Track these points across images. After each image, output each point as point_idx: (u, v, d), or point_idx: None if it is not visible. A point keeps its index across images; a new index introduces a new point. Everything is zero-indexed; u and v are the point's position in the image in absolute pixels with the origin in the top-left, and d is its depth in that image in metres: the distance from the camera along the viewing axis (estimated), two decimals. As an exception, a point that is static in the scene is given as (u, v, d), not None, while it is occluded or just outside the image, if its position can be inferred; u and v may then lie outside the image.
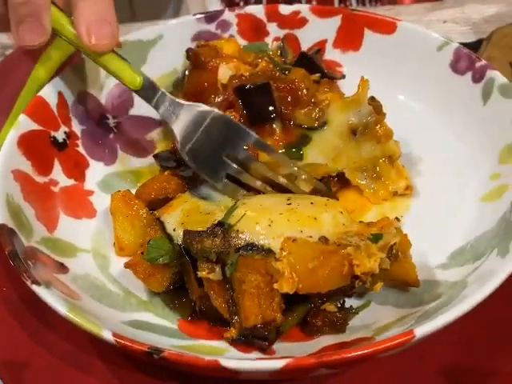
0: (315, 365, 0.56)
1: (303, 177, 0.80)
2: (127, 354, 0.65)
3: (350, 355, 0.55)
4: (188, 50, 0.95)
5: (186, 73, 0.98)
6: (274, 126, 0.81)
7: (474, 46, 1.08)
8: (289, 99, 0.83)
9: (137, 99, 0.97)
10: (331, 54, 1.03)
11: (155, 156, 0.92)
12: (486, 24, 1.27)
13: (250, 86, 0.81)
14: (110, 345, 0.66)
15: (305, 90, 0.84)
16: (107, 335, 0.59)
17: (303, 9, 1.03)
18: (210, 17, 1.03)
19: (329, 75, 0.95)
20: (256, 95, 0.81)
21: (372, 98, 0.84)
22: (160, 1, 2.02)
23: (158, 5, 1.96)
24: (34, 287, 0.63)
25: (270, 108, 0.81)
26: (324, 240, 0.67)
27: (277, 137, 0.82)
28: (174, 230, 0.71)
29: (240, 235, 0.67)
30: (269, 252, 0.66)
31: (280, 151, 0.81)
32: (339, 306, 0.69)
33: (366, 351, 0.56)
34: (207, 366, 0.56)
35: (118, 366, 0.69)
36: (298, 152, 0.81)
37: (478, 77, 0.87)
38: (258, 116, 0.81)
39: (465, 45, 0.92)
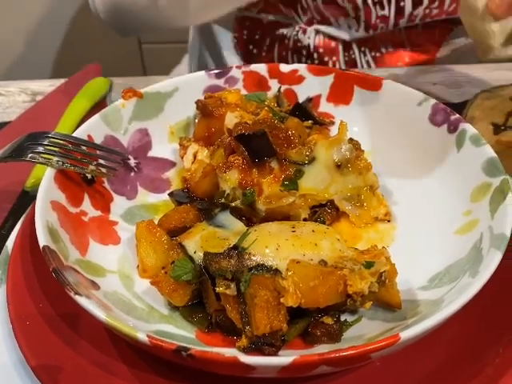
0: (318, 361, 0.66)
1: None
2: (155, 354, 0.75)
3: (347, 353, 0.66)
4: (197, 102, 1.09)
5: (196, 120, 1.12)
6: (272, 164, 0.94)
7: (461, 107, 1.22)
8: (284, 144, 0.96)
9: (155, 143, 1.11)
10: (325, 107, 1.17)
11: (170, 194, 1.04)
12: (471, 87, 1.42)
13: (249, 133, 0.94)
14: (134, 352, 0.78)
15: (297, 137, 0.97)
16: (142, 336, 0.69)
17: (301, 68, 1.17)
18: (220, 73, 1.16)
19: (319, 122, 1.10)
20: (255, 140, 0.93)
21: (351, 139, 0.98)
22: (170, 59, 2.18)
23: (169, 62, 2.12)
24: (77, 297, 0.74)
25: (268, 150, 0.93)
26: (323, 263, 0.79)
27: (275, 173, 0.94)
28: (195, 252, 0.83)
29: (252, 257, 0.79)
30: (276, 272, 0.77)
31: (279, 184, 0.93)
32: (335, 319, 0.80)
33: (360, 350, 0.67)
34: (227, 361, 0.67)
35: (140, 371, 0.79)
36: (293, 184, 0.94)
37: (452, 128, 1.00)
38: (258, 157, 0.93)
39: (452, 105, 1.04)
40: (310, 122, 1.06)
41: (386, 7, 1.53)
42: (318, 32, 1.66)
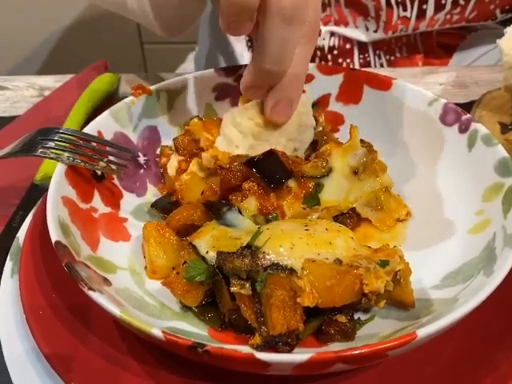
0: (334, 358, 0.66)
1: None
2: (168, 350, 0.74)
3: (363, 350, 0.66)
4: (174, 140, 1.03)
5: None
6: (290, 183, 0.91)
7: (467, 107, 1.22)
8: (291, 161, 0.92)
9: (164, 140, 1.11)
10: (334, 107, 1.16)
11: (153, 205, 0.99)
12: (477, 88, 1.43)
13: (258, 157, 0.90)
14: (142, 346, 0.78)
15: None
16: (157, 332, 0.68)
17: (310, 67, 1.16)
18: (229, 71, 1.16)
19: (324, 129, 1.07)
20: (267, 163, 0.90)
21: (362, 140, 0.96)
22: (172, 59, 2.18)
23: (170, 63, 2.12)
24: (91, 293, 0.73)
25: (282, 171, 0.90)
26: (338, 262, 0.78)
27: (294, 192, 0.91)
28: (207, 252, 0.82)
29: (266, 256, 0.78)
30: (292, 271, 0.76)
31: (300, 202, 0.91)
32: (349, 317, 0.80)
33: (377, 347, 0.66)
34: (244, 358, 0.66)
35: (149, 366, 0.79)
36: (315, 199, 0.91)
37: (463, 128, 1.00)
38: (276, 180, 0.90)
39: (458, 105, 1.03)
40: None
41: (409, 8, 1.53)
42: (333, 34, 1.65)
